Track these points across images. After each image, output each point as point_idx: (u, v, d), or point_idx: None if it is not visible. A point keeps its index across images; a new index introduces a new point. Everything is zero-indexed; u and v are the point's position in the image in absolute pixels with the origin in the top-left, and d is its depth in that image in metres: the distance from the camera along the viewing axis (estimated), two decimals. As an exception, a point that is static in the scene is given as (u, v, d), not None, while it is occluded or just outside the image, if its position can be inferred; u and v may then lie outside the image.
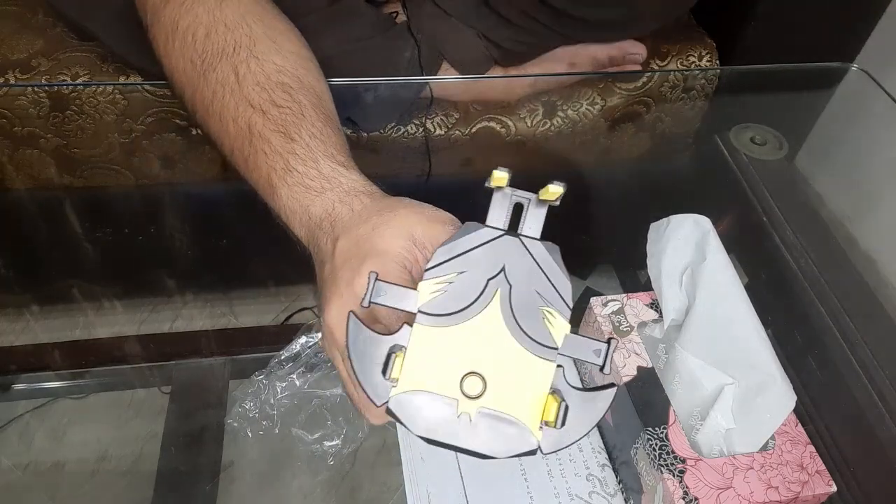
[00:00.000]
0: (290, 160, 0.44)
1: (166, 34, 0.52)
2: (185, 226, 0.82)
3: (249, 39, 0.49)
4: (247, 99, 0.47)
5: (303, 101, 0.47)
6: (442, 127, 0.80)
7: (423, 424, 0.30)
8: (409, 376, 0.31)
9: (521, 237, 0.33)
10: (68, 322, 0.80)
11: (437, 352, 0.31)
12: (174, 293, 0.86)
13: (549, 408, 0.31)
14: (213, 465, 0.59)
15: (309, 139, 0.45)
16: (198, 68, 0.49)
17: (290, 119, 0.46)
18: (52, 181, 0.82)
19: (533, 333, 0.31)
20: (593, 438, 0.55)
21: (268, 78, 0.48)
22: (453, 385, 0.31)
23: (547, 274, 0.32)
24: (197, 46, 0.50)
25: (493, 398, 0.31)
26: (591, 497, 0.52)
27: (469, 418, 0.30)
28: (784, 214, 0.70)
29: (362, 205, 0.41)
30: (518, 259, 0.32)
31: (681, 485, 0.46)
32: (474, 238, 0.33)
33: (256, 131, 0.46)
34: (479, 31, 0.75)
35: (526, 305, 0.32)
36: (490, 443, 0.30)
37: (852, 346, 0.59)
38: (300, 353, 0.61)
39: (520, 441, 0.30)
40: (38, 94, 0.75)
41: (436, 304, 0.31)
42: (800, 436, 0.49)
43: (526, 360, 0.31)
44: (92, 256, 0.79)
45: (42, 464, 0.69)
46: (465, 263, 0.32)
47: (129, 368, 0.68)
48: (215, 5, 0.50)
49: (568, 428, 0.31)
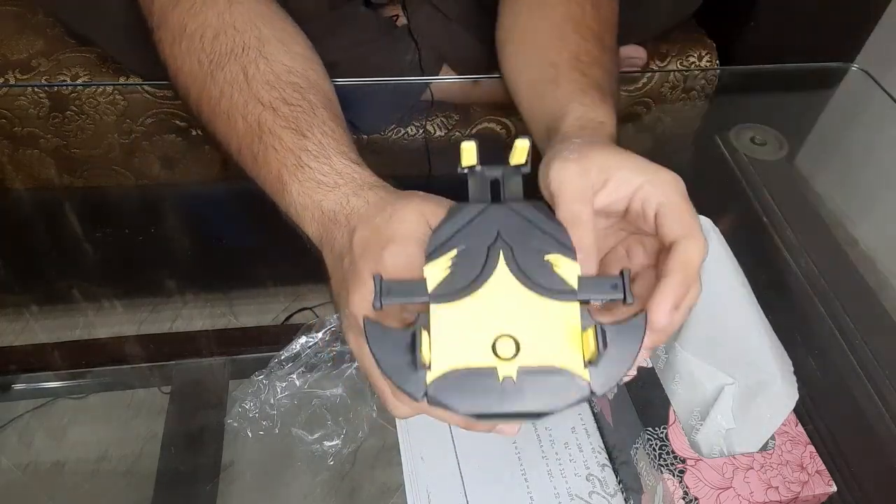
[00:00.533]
0: (303, 156, 0.44)
1: (173, 36, 0.52)
2: (184, 226, 0.82)
3: (258, 41, 0.49)
4: (256, 97, 0.47)
5: (313, 99, 0.47)
6: (442, 129, 0.80)
7: (469, 402, 0.29)
8: (440, 358, 0.30)
9: (506, 203, 0.33)
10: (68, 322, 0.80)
11: (460, 326, 0.30)
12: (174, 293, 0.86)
13: (586, 345, 0.30)
14: (213, 465, 0.59)
15: (321, 136, 0.45)
16: (205, 68, 0.49)
17: (301, 116, 0.46)
18: (52, 181, 0.83)
19: (546, 282, 0.31)
20: (593, 438, 0.55)
21: (277, 77, 0.48)
22: (486, 353, 0.30)
23: (540, 227, 0.32)
24: (205, 47, 0.50)
25: (530, 354, 0.30)
26: (591, 497, 0.52)
27: (512, 381, 0.29)
28: (784, 214, 0.70)
29: (377, 196, 0.41)
30: (510, 222, 0.32)
31: (681, 485, 0.46)
32: (463, 216, 0.33)
33: (266, 128, 0.46)
34: (479, 33, 0.75)
35: (531, 260, 0.31)
36: (541, 399, 0.29)
37: (852, 346, 0.59)
38: (300, 353, 0.61)
39: (569, 387, 0.29)
40: (38, 94, 0.75)
41: (446, 284, 0.31)
42: (800, 436, 0.49)
43: (549, 306, 0.30)
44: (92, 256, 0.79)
45: (42, 464, 0.69)
46: (460, 240, 0.32)
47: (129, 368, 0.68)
48: (225, 8, 0.51)
49: (612, 363, 0.29)
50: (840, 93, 0.87)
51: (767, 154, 0.76)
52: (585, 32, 0.53)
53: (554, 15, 0.54)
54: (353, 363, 0.61)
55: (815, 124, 0.89)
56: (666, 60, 0.85)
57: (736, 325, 0.51)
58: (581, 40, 0.52)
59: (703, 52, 0.86)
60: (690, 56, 0.86)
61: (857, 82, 0.83)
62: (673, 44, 0.86)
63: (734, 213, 0.73)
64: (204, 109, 0.51)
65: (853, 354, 0.59)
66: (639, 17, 0.75)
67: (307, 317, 0.85)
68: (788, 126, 0.81)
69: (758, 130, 0.78)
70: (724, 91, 0.88)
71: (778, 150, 0.77)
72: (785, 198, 0.72)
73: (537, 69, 0.52)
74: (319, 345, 0.61)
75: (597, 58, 0.52)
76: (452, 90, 0.80)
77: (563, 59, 0.51)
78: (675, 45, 0.86)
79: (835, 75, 0.86)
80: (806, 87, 0.88)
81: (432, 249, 0.32)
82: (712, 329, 0.51)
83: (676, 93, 0.85)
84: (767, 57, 0.86)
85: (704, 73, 0.86)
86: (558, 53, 0.51)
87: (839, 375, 0.59)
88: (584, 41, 0.52)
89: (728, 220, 0.68)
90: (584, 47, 0.52)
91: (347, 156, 0.44)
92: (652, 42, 0.85)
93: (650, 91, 0.84)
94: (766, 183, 0.73)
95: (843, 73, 0.85)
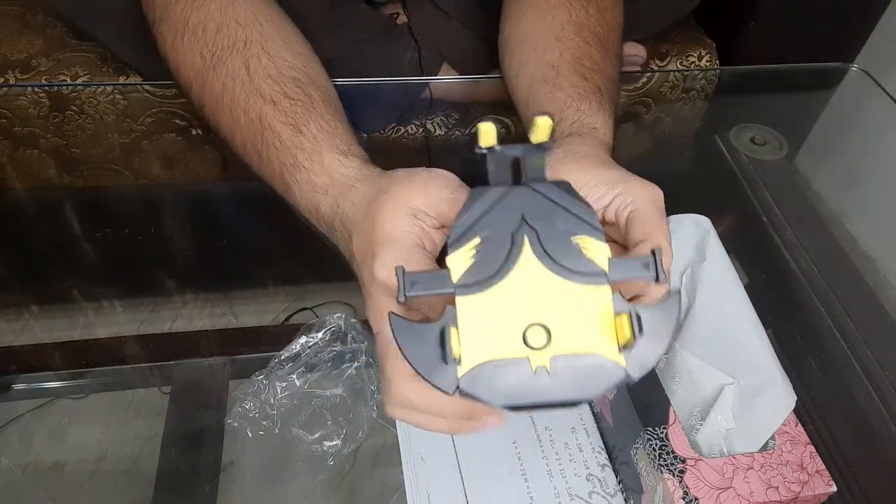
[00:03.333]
0: (298, 155, 0.44)
1: (175, 30, 0.52)
2: (184, 226, 0.82)
3: (261, 36, 0.50)
4: (258, 91, 0.47)
5: (313, 94, 0.47)
6: (442, 127, 0.80)
7: (503, 394, 0.29)
8: (470, 351, 0.29)
9: (529, 185, 0.32)
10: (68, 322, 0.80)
11: (488, 317, 0.29)
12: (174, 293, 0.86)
13: (620, 329, 0.29)
14: (213, 465, 0.59)
15: (316, 131, 0.45)
16: (207, 62, 0.49)
17: (300, 111, 0.46)
18: (52, 181, 0.82)
19: (575, 266, 0.30)
20: (593, 438, 0.55)
21: (279, 72, 0.48)
22: (517, 343, 0.29)
23: (566, 207, 0.31)
24: (207, 41, 0.50)
25: (562, 342, 0.29)
26: (591, 497, 0.52)
27: (546, 371, 0.29)
28: (784, 214, 0.70)
29: (360, 194, 0.41)
30: (533, 204, 0.31)
31: (681, 485, 0.46)
32: (484, 201, 0.31)
33: (267, 123, 0.46)
34: (480, 32, 0.75)
35: (557, 242, 0.30)
36: (576, 388, 0.29)
37: (852, 346, 0.59)
38: (300, 353, 0.61)
39: (605, 374, 0.29)
40: (38, 94, 0.75)
41: (471, 274, 0.30)
42: (800, 436, 0.49)
43: (579, 292, 0.30)
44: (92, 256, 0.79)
45: (42, 464, 0.69)
46: (483, 227, 0.31)
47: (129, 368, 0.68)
48: (228, 2, 0.51)
49: (647, 346, 0.29)
50: (840, 93, 0.87)
51: (767, 154, 0.76)
52: (588, 36, 0.53)
53: (557, 17, 0.54)
54: (353, 363, 0.61)
55: (815, 124, 0.89)
56: (666, 60, 0.85)
57: (736, 325, 0.51)
58: (584, 44, 0.52)
59: (703, 51, 0.86)
60: (690, 56, 0.86)
61: (857, 82, 0.83)
62: (673, 43, 0.86)
63: (734, 213, 0.73)
64: (207, 103, 0.51)
65: (853, 354, 0.59)
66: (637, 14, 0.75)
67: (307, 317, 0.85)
68: (788, 126, 0.81)
69: (758, 130, 0.78)
70: (724, 91, 0.88)
71: (778, 150, 0.77)
72: (785, 198, 0.72)
73: (538, 70, 0.52)
74: (319, 345, 0.61)
75: (599, 63, 0.52)
76: (452, 89, 0.80)
77: (565, 62, 0.51)
78: (675, 44, 0.86)
79: (835, 75, 0.86)
80: (806, 87, 0.88)
81: (454, 239, 0.31)
82: (712, 329, 0.51)
83: (676, 92, 0.85)
84: (767, 57, 0.86)
85: (704, 73, 0.86)
86: (560, 56, 0.51)
87: (839, 375, 0.59)
88: (587, 45, 0.52)
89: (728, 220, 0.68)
90: (586, 51, 0.52)
91: (338, 148, 0.44)
92: (652, 41, 0.85)
93: (650, 91, 0.84)
94: (766, 183, 0.73)
95: (843, 73, 0.85)
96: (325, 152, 0.44)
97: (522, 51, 0.55)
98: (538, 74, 0.51)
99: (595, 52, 0.52)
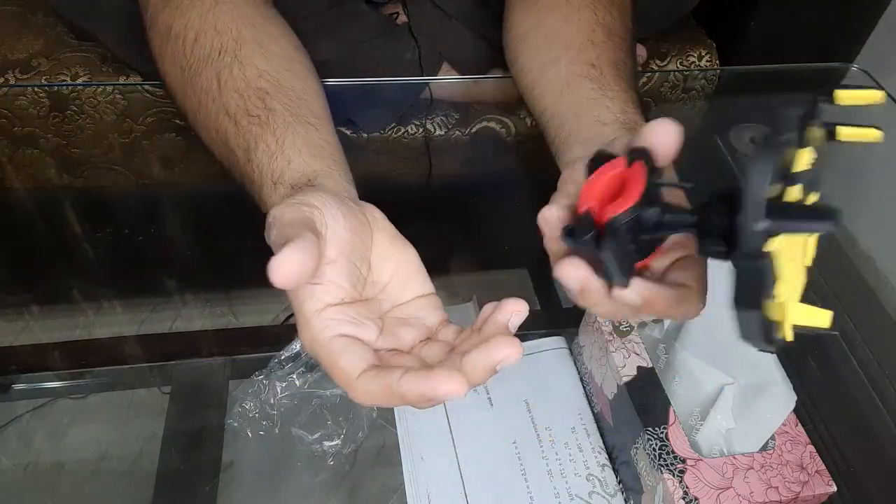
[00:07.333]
0: (247, 186, 0.44)
1: (161, 38, 0.51)
2: (184, 226, 0.82)
3: (236, 43, 0.48)
4: (225, 108, 0.46)
5: (275, 106, 0.46)
6: (442, 127, 0.80)
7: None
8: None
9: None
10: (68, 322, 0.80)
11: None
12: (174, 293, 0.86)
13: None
14: (213, 465, 0.59)
15: (262, 156, 0.44)
16: (185, 75, 0.49)
17: (254, 132, 0.45)
18: (52, 181, 0.82)
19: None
20: (593, 438, 0.55)
21: (247, 84, 0.47)
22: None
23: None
24: (186, 52, 0.49)
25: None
26: (591, 497, 0.52)
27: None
28: (784, 214, 0.70)
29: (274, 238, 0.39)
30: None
31: (681, 485, 0.46)
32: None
33: (232, 146, 0.46)
34: (480, 31, 0.75)
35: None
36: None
37: (852, 346, 0.59)
38: (300, 353, 0.61)
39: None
40: (38, 94, 0.75)
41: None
42: (800, 436, 0.49)
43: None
44: (92, 256, 0.79)
45: (42, 464, 0.69)
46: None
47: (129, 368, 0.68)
48: (209, 8, 0.50)
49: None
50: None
51: (767, 154, 0.76)
52: (618, 41, 0.53)
53: (584, 19, 0.54)
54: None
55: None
56: (666, 60, 0.85)
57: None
58: (616, 48, 0.52)
59: (703, 51, 0.86)
60: (690, 56, 0.86)
61: (857, 82, 0.83)
62: (673, 43, 0.86)
63: (734, 213, 0.73)
64: (189, 116, 0.51)
65: (853, 354, 0.59)
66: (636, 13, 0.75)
67: (307, 317, 0.84)
68: (788, 126, 0.81)
69: (758, 130, 0.78)
70: (724, 91, 0.88)
71: (778, 150, 0.77)
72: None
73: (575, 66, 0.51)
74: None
75: (631, 68, 0.52)
76: (452, 88, 0.80)
77: (604, 64, 0.50)
78: (675, 44, 0.86)
79: (835, 75, 0.86)
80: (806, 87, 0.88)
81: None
82: (712, 329, 0.51)
83: (676, 92, 0.85)
84: (767, 57, 0.86)
85: (704, 73, 0.86)
86: (597, 57, 0.51)
87: (839, 375, 0.59)
88: (619, 50, 0.52)
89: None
90: (619, 56, 0.52)
91: (272, 176, 0.43)
92: (652, 41, 0.85)
93: (650, 91, 0.84)
94: (766, 183, 0.73)
95: (843, 73, 0.85)
96: (264, 183, 0.43)
97: (551, 48, 0.54)
98: (576, 70, 0.50)
99: (626, 57, 0.52)
